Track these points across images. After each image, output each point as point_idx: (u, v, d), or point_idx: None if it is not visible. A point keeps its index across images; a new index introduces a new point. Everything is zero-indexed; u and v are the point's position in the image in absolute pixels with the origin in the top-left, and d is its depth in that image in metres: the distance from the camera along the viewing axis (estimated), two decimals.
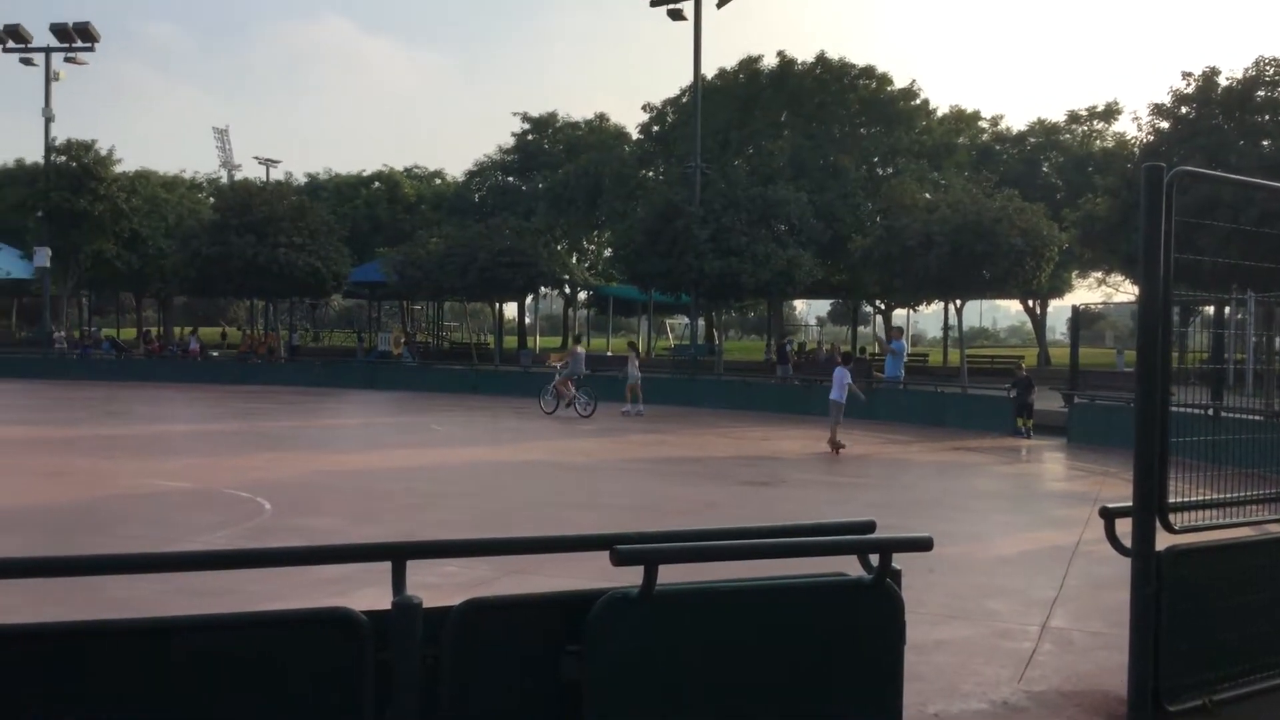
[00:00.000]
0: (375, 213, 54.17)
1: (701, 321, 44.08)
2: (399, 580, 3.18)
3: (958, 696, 5.38)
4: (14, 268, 45.62)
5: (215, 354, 42.37)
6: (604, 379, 31.41)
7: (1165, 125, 28.68)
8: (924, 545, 3.67)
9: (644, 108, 47.24)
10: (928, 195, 34.81)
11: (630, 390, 24.28)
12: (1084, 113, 45.56)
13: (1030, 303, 48.15)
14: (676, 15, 36.46)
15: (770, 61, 43.10)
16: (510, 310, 57.92)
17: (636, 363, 25.26)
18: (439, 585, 6.69)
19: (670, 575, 3.42)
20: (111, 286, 55.05)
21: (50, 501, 11.31)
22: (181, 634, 2.91)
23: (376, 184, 57.23)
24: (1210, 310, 15.94)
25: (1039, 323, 50.47)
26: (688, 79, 40.48)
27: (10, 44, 42.33)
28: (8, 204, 47.50)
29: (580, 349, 25.56)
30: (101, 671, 2.77)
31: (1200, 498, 5.15)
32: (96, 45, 43.15)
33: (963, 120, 46.09)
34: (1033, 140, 45.80)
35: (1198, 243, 16.40)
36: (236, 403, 26.19)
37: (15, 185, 48.17)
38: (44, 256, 42.20)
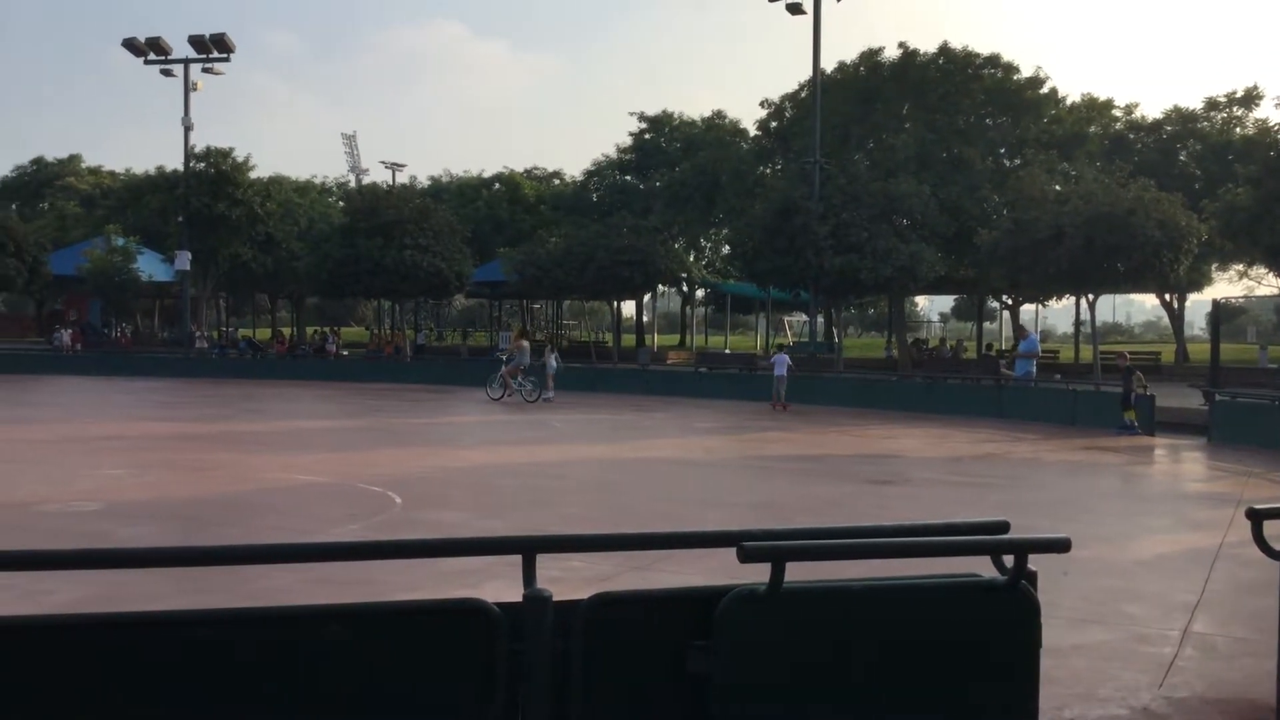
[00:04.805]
0: (496, 213, 55.11)
1: (821, 318, 43.59)
2: (529, 573, 3.22)
3: (1095, 702, 5.23)
4: (156, 270, 47.79)
5: (345, 353, 43.66)
6: (722, 377, 31.44)
7: None
8: (1062, 546, 3.57)
9: (762, 104, 46.91)
10: (1058, 187, 33.75)
11: (550, 378, 27.18)
12: (1223, 99, 43.56)
13: (1167, 297, 46.31)
14: (795, 9, 36.15)
15: (892, 53, 42.36)
16: (628, 308, 58.31)
17: (555, 355, 28.88)
18: (563, 579, 6.78)
19: (795, 573, 3.40)
20: (247, 288, 57.19)
21: (196, 494, 11.82)
22: (323, 621, 3.00)
23: (497, 185, 58.22)
24: None
25: (1176, 318, 48.49)
26: (806, 73, 40.08)
27: (152, 56, 44.26)
28: (150, 209, 49.85)
29: (525, 343, 28.44)
30: (245, 658, 2.87)
31: None
32: (231, 56, 44.90)
33: (1094, 109, 44.53)
34: (1169, 128, 44.00)
35: None
36: (365, 400, 26.96)
37: (157, 192, 50.53)
38: (184, 260, 44.09)
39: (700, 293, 58.42)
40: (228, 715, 2.86)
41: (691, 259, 51.89)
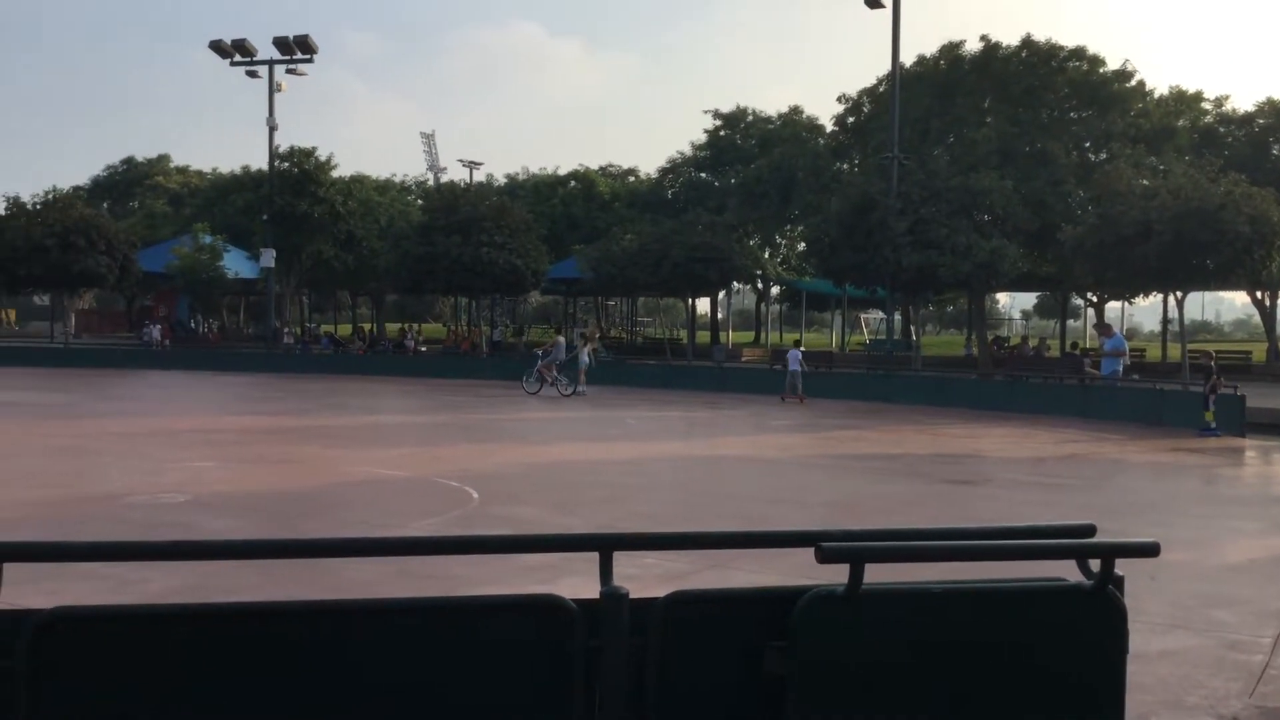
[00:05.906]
0: (571, 211, 55.36)
1: (898, 316, 43.04)
2: (606, 570, 3.23)
3: (1183, 710, 5.09)
4: (242, 268, 48.89)
5: (424, 349, 44.22)
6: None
7: None
8: (1150, 551, 3.48)
9: (839, 99, 46.40)
10: (1145, 181, 32.89)
11: (581, 372, 28.13)
12: None
13: (1259, 294, 44.88)
14: (873, 3, 35.71)
15: (973, 46, 41.68)
16: (703, 305, 58.20)
17: (587, 350, 29.64)
18: (639, 576, 6.79)
19: (873, 574, 3.36)
20: (329, 285, 58.23)
21: (279, 487, 12.08)
22: (404, 615, 3.04)
23: (573, 183, 58.47)
24: None
25: (1268, 316, 46.96)
26: (884, 68, 39.60)
27: (237, 58, 45.22)
28: (236, 208, 51.03)
29: (561, 339, 30.09)
30: (325, 650, 2.92)
31: None
32: (314, 57, 45.65)
33: (1183, 102, 43.30)
34: (1261, 121, 42.58)
35: None
36: (443, 395, 27.30)
37: (242, 190, 51.72)
38: (269, 257, 45.03)
39: (775, 290, 58.09)
40: (307, 706, 2.91)
41: (767, 256, 51.58)
